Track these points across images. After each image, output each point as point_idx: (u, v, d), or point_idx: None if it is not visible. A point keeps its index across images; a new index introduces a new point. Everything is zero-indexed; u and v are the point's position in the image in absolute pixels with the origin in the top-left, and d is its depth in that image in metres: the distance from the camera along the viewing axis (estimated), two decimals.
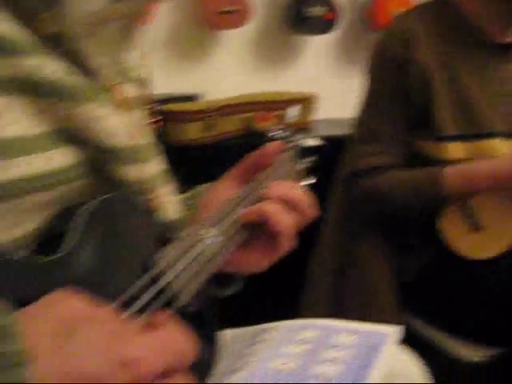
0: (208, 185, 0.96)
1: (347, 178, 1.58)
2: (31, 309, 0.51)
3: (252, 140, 2.12)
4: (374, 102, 1.56)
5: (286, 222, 0.82)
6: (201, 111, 2.05)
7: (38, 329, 0.49)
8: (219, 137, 2.09)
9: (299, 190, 0.87)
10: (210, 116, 2.05)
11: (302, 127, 2.24)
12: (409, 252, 1.58)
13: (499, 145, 1.49)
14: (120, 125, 0.70)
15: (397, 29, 1.54)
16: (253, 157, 0.90)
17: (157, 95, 2.14)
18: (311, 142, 1.14)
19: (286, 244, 0.83)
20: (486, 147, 1.49)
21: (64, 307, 0.51)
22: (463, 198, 1.48)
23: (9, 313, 0.48)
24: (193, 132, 2.02)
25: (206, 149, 2.03)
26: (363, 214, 1.61)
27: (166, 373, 0.52)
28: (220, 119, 2.09)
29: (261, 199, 0.85)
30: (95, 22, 0.68)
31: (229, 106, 2.15)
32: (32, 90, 0.62)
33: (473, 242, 1.50)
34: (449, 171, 1.45)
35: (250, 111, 2.17)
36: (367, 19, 2.60)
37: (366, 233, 1.61)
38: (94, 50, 0.70)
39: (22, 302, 0.52)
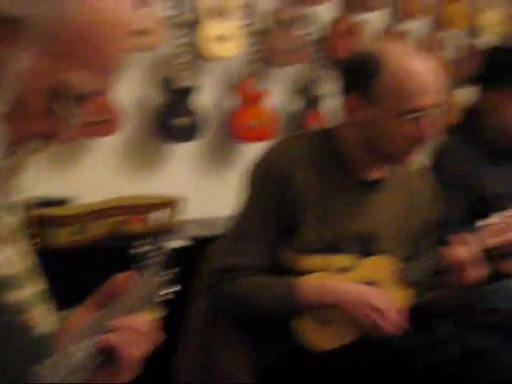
0: (72, 310, 1.05)
1: (211, 276, 1.74)
2: None
3: (120, 243, 2.22)
4: (249, 211, 1.73)
5: (133, 355, 0.89)
6: (71, 216, 2.15)
7: None
8: (90, 240, 2.19)
9: (145, 323, 0.92)
10: (80, 220, 2.15)
11: (168, 229, 2.38)
12: (265, 345, 1.75)
13: (344, 260, 1.72)
14: (3, 257, 0.83)
15: (279, 150, 1.75)
16: (107, 287, 0.97)
17: (32, 199, 2.23)
18: (176, 243, 1.25)
19: (130, 373, 0.90)
20: (334, 261, 1.71)
21: None
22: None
23: None
24: (64, 236, 2.11)
25: (77, 252, 2.11)
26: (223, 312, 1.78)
27: None
28: (90, 223, 2.19)
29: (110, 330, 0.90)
30: None
31: (98, 210, 2.26)
32: None
33: (320, 336, 1.70)
34: (303, 285, 1.66)
35: (118, 215, 2.28)
36: (227, 129, 2.82)
37: (226, 330, 1.78)
38: None
39: None
